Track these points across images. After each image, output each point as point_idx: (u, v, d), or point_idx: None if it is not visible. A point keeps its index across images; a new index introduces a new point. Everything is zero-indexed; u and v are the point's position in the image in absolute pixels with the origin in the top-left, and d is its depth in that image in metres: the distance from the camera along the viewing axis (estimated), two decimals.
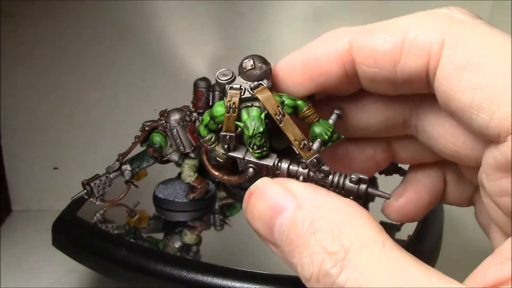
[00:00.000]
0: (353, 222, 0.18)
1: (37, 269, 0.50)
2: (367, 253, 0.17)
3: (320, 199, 0.19)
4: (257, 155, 0.22)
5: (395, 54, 0.19)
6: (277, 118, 0.22)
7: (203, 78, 0.49)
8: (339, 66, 0.20)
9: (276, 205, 0.19)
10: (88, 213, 0.41)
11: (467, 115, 0.17)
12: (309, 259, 0.17)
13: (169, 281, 0.33)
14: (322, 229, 0.18)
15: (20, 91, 0.60)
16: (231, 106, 0.22)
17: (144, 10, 0.59)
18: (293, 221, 0.18)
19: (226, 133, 0.22)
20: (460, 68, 0.17)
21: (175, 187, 0.44)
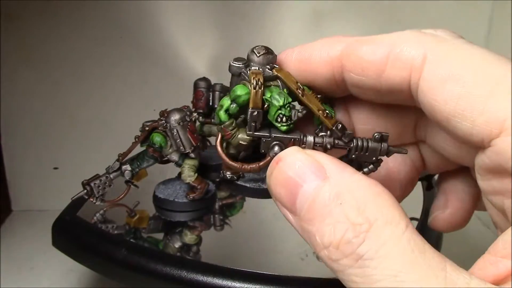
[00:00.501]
0: (379, 200, 0.18)
1: (37, 269, 0.50)
2: (390, 230, 0.17)
3: (348, 175, 0.19)
4: (286, 127, 0.23)
5: (380, 65, 0.20)
6: (299, 92, 0.23)
7: (203, 78, 0.49)
8: (328, 69, 0.22)
9: (304, 174, 0.20)
10: (88, 213, 0.41)
11: (452, 124, 0.19)
12: (332, 228, 0.18)
13: (169, 281, 0.33)
14: (349, 202, 0.18)
15: (21, 91, 0.60)
16: (257, 83, 0.23)
17: (144, 10, 0.59)
18: (320, 191, 0.19)
19: (254, 109, 0.23)
20: (442, 80, 0.18)
21: (175, 187, 0.44)
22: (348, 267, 0.18)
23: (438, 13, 0.60)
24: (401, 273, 0.16)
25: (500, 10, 0.59)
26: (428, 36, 0.20)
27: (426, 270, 0.16)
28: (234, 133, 0.24)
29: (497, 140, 0.17)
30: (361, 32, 0.66)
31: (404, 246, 0.17)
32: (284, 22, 0.61)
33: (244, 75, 0.24)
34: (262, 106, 0.23)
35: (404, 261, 0.17)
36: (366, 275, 0.17)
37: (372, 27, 0.61)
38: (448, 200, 0.26)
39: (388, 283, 0.16)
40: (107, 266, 0.36)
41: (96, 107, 0.61)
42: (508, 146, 0.17)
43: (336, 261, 0.18)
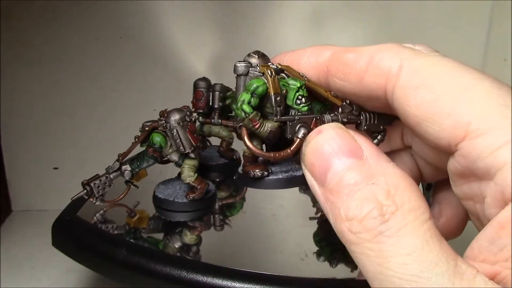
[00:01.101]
0: (409, 189, 0.19)
1: (37, 269, 0.50)
2: (413, 216, 0.18)
3: (384, 161, 0.20)
4: (306, 107, 0.24)
5: (361, 72, 0.22)
6: (304, 79, 0.25)
7: (203, 78, 0.49)
8: (314, 73, 0.24)
9: (341, 149, 0.21)
10: (88, 213, 0.41)
11: (422, 128, 0.20)
12: (359, 203, 0.19)
13: (169, 281, 0.33)
14: (381, 184, 0.19)
15: (20, 91, 0.60)
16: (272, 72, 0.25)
17: (144, 10, 0.59)
18: (354, 168, 0.20)
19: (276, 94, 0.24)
20: (415, 87, 0.20)
21: (175, 187, 0.44)
22: (366, 241, 0.18)
23: (438, 13, 0.60)
24: (414, 253, 0.17)
25: (500, 10, 0.59)
26: (406, 48, 0.22)
27: (438, 256, 0.17)
28: (261, 122, 0.25)
29: (462, 143, 0.19)
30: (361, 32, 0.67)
31: (423, 232, 0.18)
32: (284, 22, 0.61)
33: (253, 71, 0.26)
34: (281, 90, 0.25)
35: (420, 244, 0.17)
36: (381, 250, 0.18)
37: (372, 27, 0.61)
38: (442, 209, 0.27)
39: (400, 260, 0.17)
40: (107, 266, 0.36)
41: (96, 107, 0.61)
42: (473, 148, 0.18)
43: (355, 234, 0.19)
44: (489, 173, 0.18)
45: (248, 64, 0.27)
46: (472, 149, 0.18)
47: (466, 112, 0.18)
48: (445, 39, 0.61)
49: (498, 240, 0.17)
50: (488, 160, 0.18)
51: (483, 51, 0.61)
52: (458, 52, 0.61)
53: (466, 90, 0.19)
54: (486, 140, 0.18)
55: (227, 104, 0.50)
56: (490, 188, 0.18)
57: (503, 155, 0.17)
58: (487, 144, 0.18)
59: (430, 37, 0.61)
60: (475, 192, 0.19)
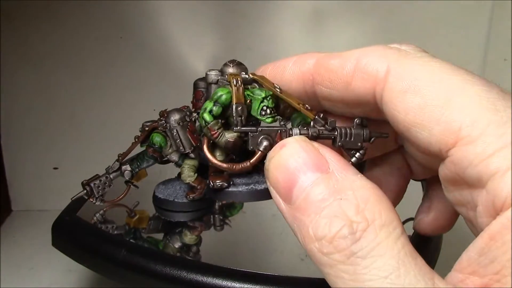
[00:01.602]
0: (379, 203, 0.18)
1: (37, 269, 0.50)
2: (386, 233, 0.17)
3: (351, 174, 0.20)
4: (271, 119, 0.24)
5: (347, 77, 0.21)
6: (276, 90, 0.24)
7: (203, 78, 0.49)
8: (299, 84, 0.23)
9: (306, 163, 0.20)
10: (88, 213, 0.41)
11: (412, 134, 0.19)
12: (328, 221, 0.18)
13: (169, 282, 0.33)
14: (349, 199, 0.18)
15: (20, 91, 0.60)
16: (237, 81, 0.24)
17: (144, 10, 0.59)
18: (320, 184, 0.19)
19: (238, 104, 0.24)
20: (403, 91, 0.19)
21: (175, 187, 0.44)
22: (339, 262, 0.17)
23: (438, 13, 0.60)
24: (391, 275, 0.16)
25: (500, 10, 0.59)
26: (392, 50, 0.21)
27: (416, 277, 0.16)
28: (221, 132, 0.25)
29: (453, 150, 0.18)
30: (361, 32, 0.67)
31: (398, 251, 0.17)
32: (284, 22, 0.61)
33: (222, 80, 0.25)
34: (244, 101, 0.24)
35: (396, 265, 0.17)
36: (356, 273, 0.17)
37: (372, 27, 0.61)
38: (432, 204, 0.27)
39: (377, 284, 0.17)
40: (107, 266, 0.36)
41: (96, 107, 0.61)
42: (463, 156, 0.17)
43: (327, 255, 0.18)
44: (480, 181, 0.17)
45: (218, 73, 0.26)
46: (463, 156, 0.18)
47: (456, 118, 0.18)
48: (445, 39, 0.61)
49: (488, 253, 0.16)
50: (479, 168, 0.17)
51: (483, 51, 0.61)
52: (458, 52, 0.61)
53: (455, 94, 0.18)
54: (477, 148, 0.17)
55: None
56: (481, 196, 0.17)
57: (494, 162, 0.16)
58: (478, 151, 0.17)
59: (430, 37, 0.61)
60: (467, 199, 0.19)
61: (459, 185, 0.19)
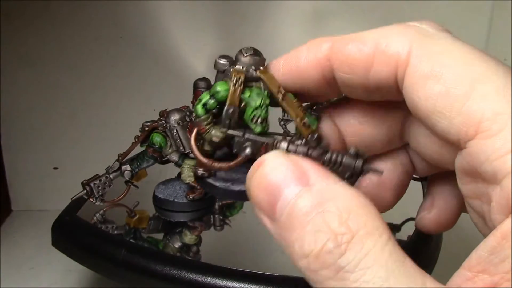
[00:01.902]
0: (362, 210, 0.18)
1: (37, 269, 0.50)
2: (372, 242, 0.17)
3: (332, 184, 0.19)
4: (260, 129, 0.23)
5: (367, 61, 0.20)
6: (279, 96, 0.23)
7: (203, 78, 0.49)
8: (317, 71, 0.22)
9: (286, 179, 0.19)
10: (88, 213, 0.41)
11: (431, 122, 0.18)
12: (312, 237, 0.17)
13: (169, 282, 0.33)
14: (331, 210, 0.18)
15: (20, 91, 0.60)
16: (237, 81, 0.23)
17: (144, 10, 0.59)
18: (301, 198, 0.18)
19: (230, 106, 0.23)
20: (424, 77, 0.18)
21: (175, 187, 0.44)
22: (327, 278, 0.17)
23: (438, 13, 0.60)
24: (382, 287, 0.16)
25: (500, 10, 0.59)
26: (412, 29, 0.20)
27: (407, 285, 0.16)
28: (208, 128, 0.24)
29: (472, 142, 0.17)
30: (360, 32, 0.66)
31: (386, 260, 0.16)
32: (284, 22, 0.61)
33: (227, 72, 0.24)
34: (239, 104, 0.23)
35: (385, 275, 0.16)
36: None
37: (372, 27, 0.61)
38: (435, 201, 0.27)
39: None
40: (107, 266, 0.36)
41: (96, 107, 0.61)
42: (481, 149, 0.17)
43: (315, 272, 0.17)
44: (495, 177, 0.17)
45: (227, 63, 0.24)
46: (481, 150, 0.17)
47: (478, 109, 0.17)
48: None
49: (500, 251, 0.16)
50: (495, 164, 0.16)
51: None
52: None
53: (479, 83, 0.17)
54: (495, 143, 0.16)
55: None
56: (496, 192, 0.17)
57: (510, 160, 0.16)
58: (497, 146, 0.16)
59: None
60: (482, 192, 0.18)
61: (475, 177, 0.18)
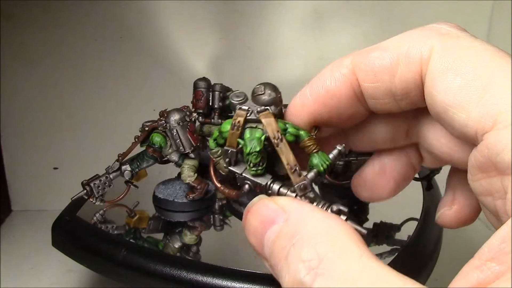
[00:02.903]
0: (332, 233, 0.18)
1: (37, 269, 0.50)
2: (343, 263, 0.17)
3: (305, 213, 0.20)
4: (253, 172, 0.24)
5: (391, 67, 0.21)
6: (274, 141, 0.23)
7: (203, 78, 0.49)
8: (347, 86, 0.22)
9: (267, 220, 0.20)
10: (88, 213, 0.41)
11: (449, 115, 0.19)
12: (287, 269, 0.18)
13: (169, 282, 0.33)
14: (301, 239, 0.18)
15: (20, 91, 0.60)
16: (236, 124, 0.25)
17: (144, 10, 0.59)
18: (279, 234, 0.19)
19: (228, 147, 0.25)
20: (444, 71, 0.19)
21: (175, 187, 0.44)
22: None
23: (438, 13, 0.60)
24: None
25: (500, 10, 0.59)
26: (432, 30, 0.20)
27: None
28: (218, 161, 0.26)
29: (489, 133, 0.17)
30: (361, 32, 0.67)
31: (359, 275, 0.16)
32: (284, 22, 0.61)
33: (236, 108, 0.25)
34: (237, 146, 0.24)
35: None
36: None
37: (372, 27, 0.61)
38: (455, 197, 0.26)
39: None
40: (107, 266, 0.36)
41: (96, 107, 0.61)
42: (498, 140, 0.17)
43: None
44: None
45: (238, 102, 0.26)
46: (498, 140, 0.17)
47: (495, 101, 0.17)
48: None
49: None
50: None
51: None
52: None
53: (497, 77, 0.18)
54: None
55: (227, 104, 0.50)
56: None
57: None
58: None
59: None
60: (496, 187, 0.18)
61: (489, 172, 0.18)
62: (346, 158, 0.42)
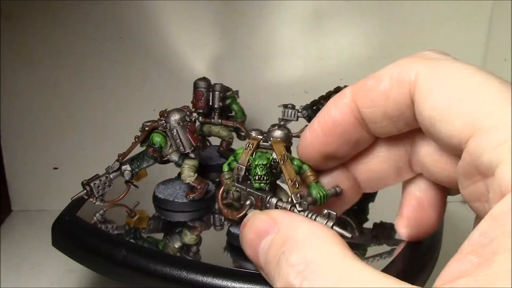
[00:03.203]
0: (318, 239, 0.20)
1: (37, 269, 0.50)
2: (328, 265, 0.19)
3: (294, 223, 0.22)
4: (257, 185, 0.28)
5: (385, 92, 0.23)
6: (280, 159, 0.28)
7: (203, 78, 0.49)
8: (349, 114, 0.25)
9: (260, 232, 0.22)
10: (88, 213, 0.41)
11: (437, 128, 0.21)
12: (278, 274, 0.20)
13: (169, 282, 0.33)
14: (289, 247, 0.20)
15: (20, 91, 0.60)
16: (249, 145, 0.29)
17: (144, 10, 0.59)
18: (271, 243, 0.21)
19: (239, 165, 0.29)
20: (428, 90, 0.21)
21: (175, 187, 0.44)
22: None
23: (438, 13, 0.60)
24: None
25: (500, 10, 0.59)
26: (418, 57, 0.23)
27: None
28: (227, 182, 0.31)
29: (470, 140, 0.19)
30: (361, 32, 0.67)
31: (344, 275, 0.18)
32: (284, 22, 0.61)
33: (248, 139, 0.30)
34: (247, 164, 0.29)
35: None
36: None
37: (372, 27, 0.61)
38: (402, 207, 0.28)
39: None
40: (107, 266, 0.36)
41: (96, 107, 0.61)
42: (478, 144, 0.19)
43: None
44: (491, 168, 0.18)
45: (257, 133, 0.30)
46: (477, 145, 0.19)
47: (475, 111, 0.19)
48: (445, 39, 0.61)
49: (489, 232, 0.17)
50: (490, 156, 0.18)
51: (483, 51, 0.61)
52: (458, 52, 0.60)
53: (476, 90, 0.19)
54: (489, 137, 0.18)
55: (227, 104, 0.50)
56: (492, 183, 0.18)
57: (503, 151, 0.17)
58: (490, 140, 0.18)
59: (430, 37, 0.61)
60: (481, 191, 0.20)
61: (474, 177, 0.20)
62: None
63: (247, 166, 0.28)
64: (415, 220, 0.28)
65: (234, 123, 0.50)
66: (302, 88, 0.61)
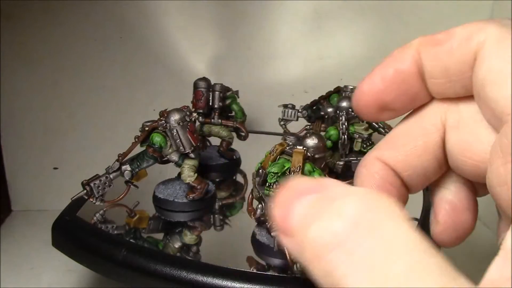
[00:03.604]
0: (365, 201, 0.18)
1: (37, 269, 0.50)
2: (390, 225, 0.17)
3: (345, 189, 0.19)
4: (266, 191, 0.28)
5: (452, 47, 0.22)
6: (292, 170, 0.28)
7: (203, 78, 0.49)
8: (412, 64, 0.24)
9: (301, 190, 0.19)
10: (88, 213, 0.41)
11: (486, 92, 0.20)
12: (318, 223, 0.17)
13: (169, 282, 0.33)
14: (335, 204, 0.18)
15: (20, 91, 0.60)
16: (274, 150, 0.29)
17: (144, 10, 0.59)
18: (315, 202, 0.19)
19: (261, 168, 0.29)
20: (491, 53, 0.21)
21: (175, 187, 0.44)
22: None
23: (438, 13, 0.60)
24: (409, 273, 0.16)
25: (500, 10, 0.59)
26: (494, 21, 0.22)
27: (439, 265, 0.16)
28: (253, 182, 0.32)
29: None
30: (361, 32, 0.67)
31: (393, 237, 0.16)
32: (285, 22, 0.61)
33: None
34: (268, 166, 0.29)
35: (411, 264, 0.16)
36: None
37: (372, 27, 0.61)
38: (437, 216, 0.27)
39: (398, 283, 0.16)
40: (107, 266, 0.36)
41: (96, 107, 0.61)
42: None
43: None
44: None
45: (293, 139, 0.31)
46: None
47: None
48: None
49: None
50: None
51: None
52: None
53: None
54: None
55: (227, 104, 0.50)
56: None
57: None
58: None
59: None
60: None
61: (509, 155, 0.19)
62: (346, 158, 0.42)
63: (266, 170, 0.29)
64: (451, 225, 0.27)
65: (234, 123, 0.50)
66: (302, 88, 0.61)
